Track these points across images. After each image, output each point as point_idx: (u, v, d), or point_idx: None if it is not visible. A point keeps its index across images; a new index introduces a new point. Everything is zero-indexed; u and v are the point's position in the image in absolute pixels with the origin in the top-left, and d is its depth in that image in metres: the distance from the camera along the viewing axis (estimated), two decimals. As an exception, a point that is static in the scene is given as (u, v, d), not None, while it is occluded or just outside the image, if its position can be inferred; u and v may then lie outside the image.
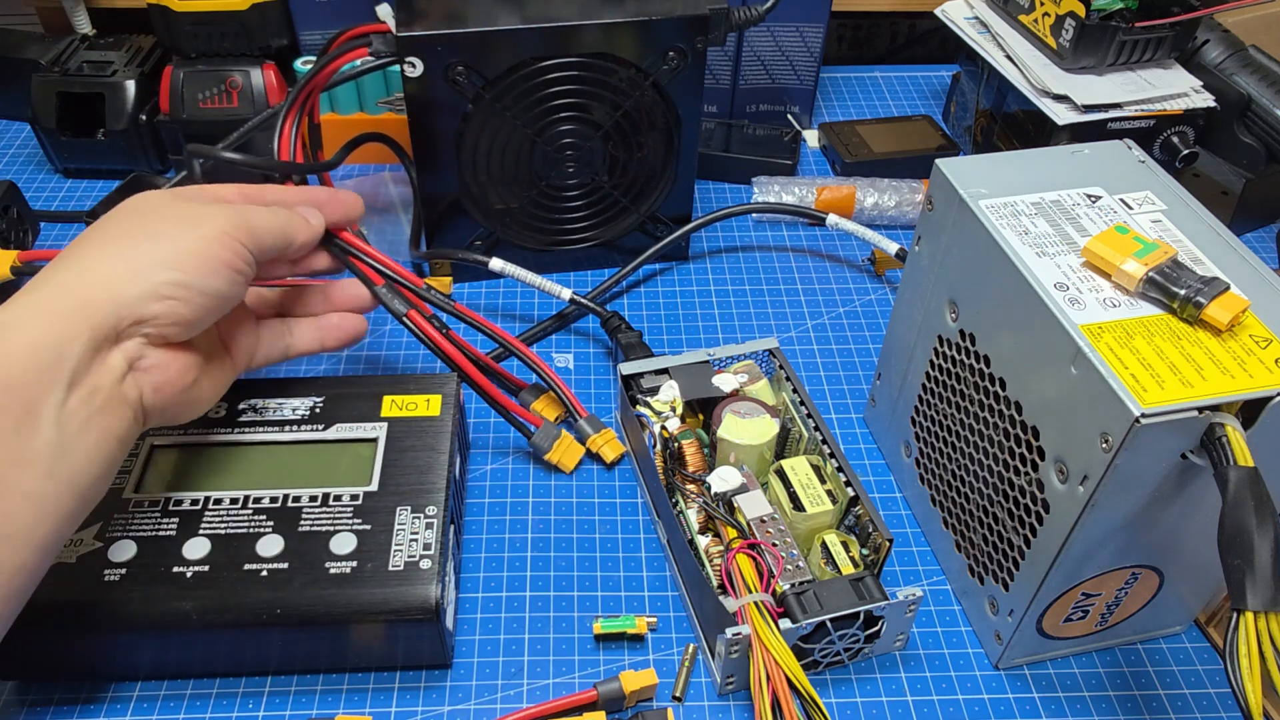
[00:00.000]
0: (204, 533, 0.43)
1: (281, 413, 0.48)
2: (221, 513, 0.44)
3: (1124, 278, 0.39)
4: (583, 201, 0.63)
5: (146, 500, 0.44)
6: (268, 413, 0.48)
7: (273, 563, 0.42)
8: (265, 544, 0.43)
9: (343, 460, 0.46)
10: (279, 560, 0.42)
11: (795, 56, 0.77)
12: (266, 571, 0.42)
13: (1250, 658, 0.32)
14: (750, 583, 0.42)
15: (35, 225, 0.67)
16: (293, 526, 0.43)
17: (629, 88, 0.58)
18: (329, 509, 0.44)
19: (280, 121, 0.56)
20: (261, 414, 0.48)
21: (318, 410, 0.48)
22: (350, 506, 0.44)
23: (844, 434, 0.57)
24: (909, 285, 0.50)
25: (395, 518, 0.44)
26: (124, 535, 0.43)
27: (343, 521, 0.44)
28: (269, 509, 0.44)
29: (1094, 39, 0.65)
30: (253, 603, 0.41)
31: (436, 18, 0.54)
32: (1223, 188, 0.69)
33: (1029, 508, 0.41)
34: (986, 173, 0.45)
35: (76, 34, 0.77)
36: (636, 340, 0.57)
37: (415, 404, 0.49)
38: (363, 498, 0.45)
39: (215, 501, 0.44)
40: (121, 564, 0.42)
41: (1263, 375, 0.35)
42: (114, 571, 0.41)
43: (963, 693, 0.45)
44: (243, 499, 0.44)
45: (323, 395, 0.49)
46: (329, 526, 0.43)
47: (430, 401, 0.49)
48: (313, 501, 0.44)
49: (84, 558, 0.42)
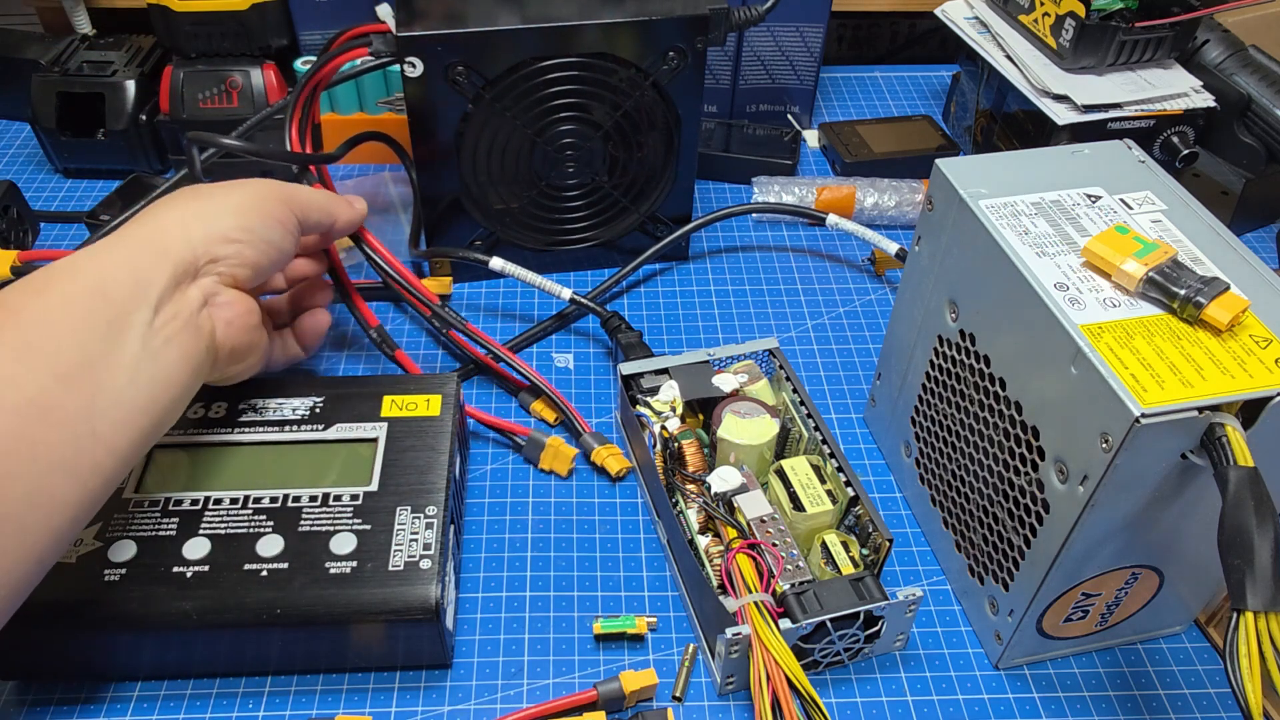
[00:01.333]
0: (204, 533, 0.43)
1: (281, 412, 0.48)
2: (221, 513, 0.44)
3: (1124, 278, 0.39)
4: (583, 201, 0.63)
5: (147, 500, 0.44)
6: (267, 412, 0.48)
7: (273, 563, 0.42)
8: (265, 544, 0.43)
9: (343, 460, 0.46)
10: (279, 560, 0.42)
11: (795, 56, 0.77)
12: (266, 571, 0.42)
13: (1250, 658, 0.32)
14: (750, 583, 0.42)
15: (35, 225, 0.67)
16: (293, 526, 0.43)
17: (629, 88, 0.58)
18: (329, 509, 0.44)
19: (289, 113, 0.56)
20: (261, 414, 0.48)
21: (318, 410, 0.48)
22: (350, 506, 0.44)
23: (844, 434, 0.57)
24: (909, 285, 0.50)
25: (395, 518, 0.44)
26: (124, 535, 0.43)
27: (343, 521, 0.44)
28: (269, 509, 0.44)
29: (1094, 39, 0.65)
30: (253, 602, 0.41)
31: (436, 18, 0.54)
32: (1223, 188, 0.69)
33: (1029, 508, 0.41)
34: (986, 173, 0.45)
35: (76, 34, 0.77)
36: (636, 340, 0.57)
37: (415, 404, 0.49)
38: (363, 498, 0.45)
39: (215, 502, 0.44)
40: (122, 564, 0.42)
41: (1263, 375, 0.35)
42: (114, 571, 0.41)
43: (963, 693, 0.45)
44: (243, 499, 0.44)
45: (323, 395, 0.49)
46: (329, 526, 0.43)
47: (430, 401, 0.49)
48: (313, 501, 0.44)
49: (84, 558, 0.42)
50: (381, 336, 0.58)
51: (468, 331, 0.57)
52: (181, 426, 0.47)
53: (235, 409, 0.48)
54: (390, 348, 0.58)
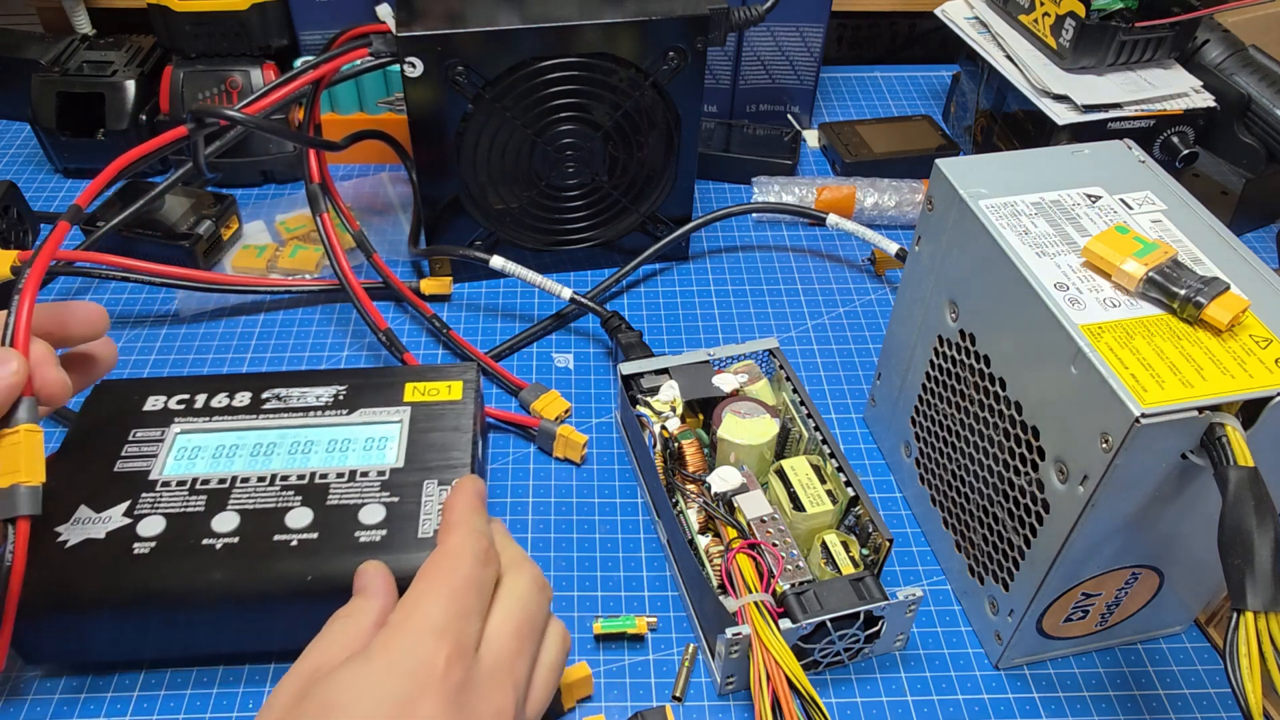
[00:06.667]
0: (232, 507, 0.43)
1: (305, 400, 0.48)
2: (249, 490, 0.44)
3: (1124, 278, 0.39)
4: (583, 201, 0.63)
5: (174, 480, 0.44)
6: (291, 400, 0.48)
7: (302, 533, 0.42)
8: (294, 516, 0.43)
9: (367, 439, 0.47)
10: (309, 531, 0.42)
11: (795, 56, 0.77)
12: (296, 541, 0.42)
13: (1250, 658, 0.32)
14: (750, 583, 0.42)
15: (35, 225, 0.67)
16: (321, 500, 0.44)
17: (629, 88, 0.58)
18: (356, 484, 0.44)
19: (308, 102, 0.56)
20: (285, 401, 0.48)
21: (341, 397, 0.48)
22: (377, 482, 0.45)
23: (844, 434, 0.57)
24: (909, 285, 0.50)
25: (423, 490, 0.44)
26: (152, 512, 0.43)
27: (370, 495, 0.44)
28: (296, 485, 0.44)
29: (1094, 39, 0.65)
30: (284, 571, 0.41)
31: (436, 18, 0.54)
32: (1223, 188, 0.69)
33: (1029, 508, 0.41)
34: (986, 173, 0.45)
35: (76, 34, 0.77)
36: (636, 340, 0.57)
37: (437, 390, 0.49)
38: (389, 474, 0.45)
39: (242, 480, 0.44)
40: (151, 538, 0.42)
41: (1263, 375, 0.35)
42: (143, 545, 0.41)
43: (963, 693, 0.45)
44: (270, 477, 0.44)
45: (345, 384, 0.49)
46: (357, 500, 0.44)
47: (451, 387, 0.49)
48: (340, 478, 0.45)
49: (112, 533, 0.42)
50: (390, 338, 0.58)
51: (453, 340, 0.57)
52: (206, 414, 0.47)
53: (259, 398, 0.48)
54: (398, 350, 0.58)
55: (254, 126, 0.52)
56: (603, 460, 0.55)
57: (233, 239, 0.68)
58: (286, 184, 0.74)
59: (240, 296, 0.64)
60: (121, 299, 0.64)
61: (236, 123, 0.51)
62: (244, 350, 0.60)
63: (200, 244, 0.64)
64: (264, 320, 0.63)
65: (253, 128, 0.52)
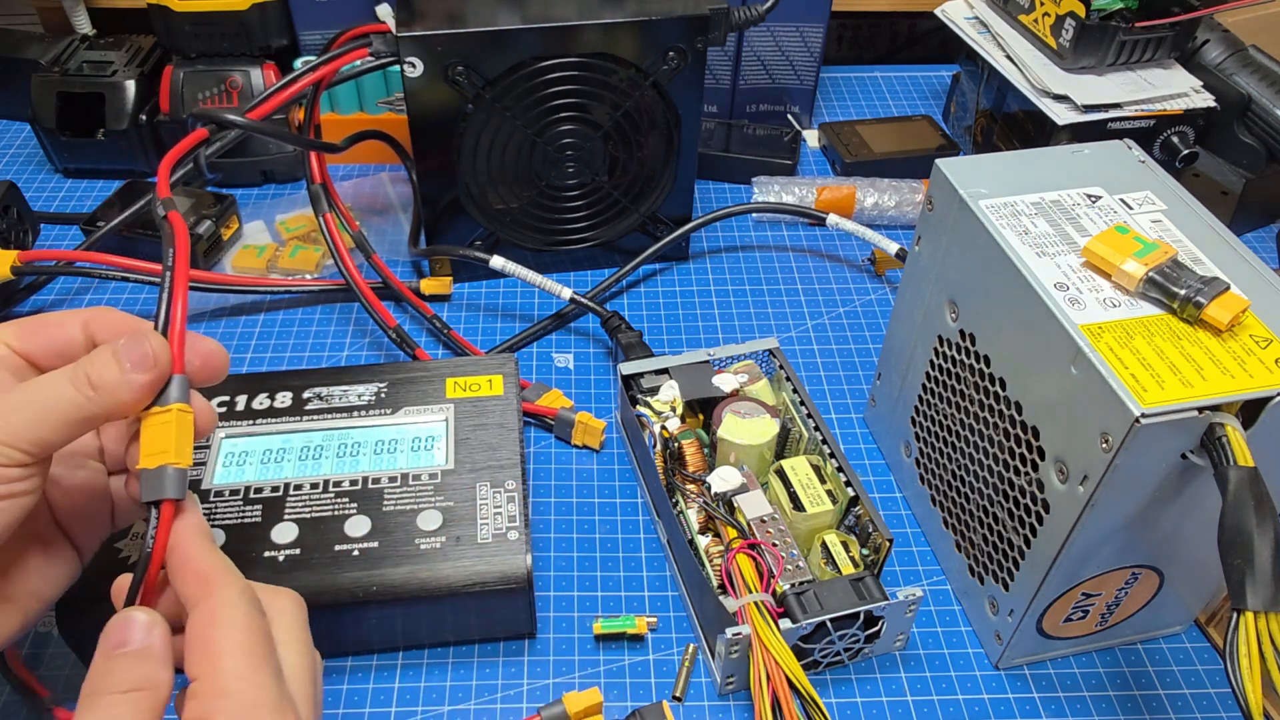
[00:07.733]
0: (289, 517, 0.43)
1: (347, 399, 0.48)
2: (304, 498, 0.44)
3: (1124, 278, 0.39)
4: (583, 201, 0.63)
5: (227, 490, 0.44)
6: (333, 400, 0.48)
7: (363, 542, 0.42)
8: (352, 525, 0.43)
9: (414, 439, 0.47)
10: (368, 539, 0.43)
11: (795, 56, 0.77)
12: (358, 551, 0.42)
13: (1250, 658, 0.32)
14: (750, 583, 0.42)
15: (35, 225, 0.67)
16: (377, 507, 0.44)
17: (629, 88, 0.58)
18: (409, 488, 0.45)
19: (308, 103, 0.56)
20: (327, 401, 0.48)
21: (383, 395, 0.49)
22: (430, 485, 0.45)
23: (844, 434, 0.57)
24: (909, 285, 0.50)
25: (476, 493, 0.44)
26: (210, 524, 0.42)
27: (425, 499, 0.44)
28: (350, 491, 0.44)
29: (1094, 39, 0.65)
30: (349, 582, 0.41)
31: (436, 18, 0.54)
32: (1223, 188, 0.69)
33: (1029, 508, 0.41)
34: (986, 173, 0.45)
35: (76, 34, 0.77)
36: (636, 340, 0.57)
37: (478, 385, 0.49)
38: (441, 475, 0.45)
39: (295, 488, 0.44)
40: None
41: (1263, 375, 0.35)
42: None
43: (963, 693, 0.45)
44: (323, 483, 0.45)
45: (385, 381, 0.49)
46: (412, 505, 0.44)
47: (493, 382, 0.49)
48: (392, 482, 0.45)
49: None
50: (401, 336, 0.58)
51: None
52: (249, 416, 0.47)
53: (300, 398, 0.48)
54: (410, 346, 0.58)
55: (257, 131, 0.52)
56: (603, 460, 0.55)
57: (233, 239, 0.68)
58: (286, 184, 0.74)
59: (240, 296, 0.64)
60: (121, 299, 0.64)
61: (239, 128, 0.52)
62: (244, 350, 0.60)
63: (200, 244, 0.64)
64: (264, 320, 0.63)
65: (255, 132, 0.53)
